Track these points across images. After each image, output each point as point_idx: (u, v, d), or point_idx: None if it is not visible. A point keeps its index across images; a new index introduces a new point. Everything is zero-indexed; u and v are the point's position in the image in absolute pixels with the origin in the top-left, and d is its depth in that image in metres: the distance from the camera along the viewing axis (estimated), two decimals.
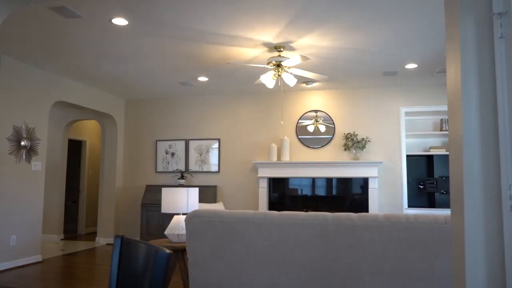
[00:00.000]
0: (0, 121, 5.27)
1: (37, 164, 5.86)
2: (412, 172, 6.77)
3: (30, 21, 4.17)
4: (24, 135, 5.64)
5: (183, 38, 4.65)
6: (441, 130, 6.61)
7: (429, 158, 6.74)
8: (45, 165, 6.32)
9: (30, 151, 5.73)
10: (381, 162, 6.56)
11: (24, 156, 5.63)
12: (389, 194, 6.68)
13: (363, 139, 6.81)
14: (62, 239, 8.01)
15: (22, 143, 5.58)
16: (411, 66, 5.66)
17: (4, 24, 4.29)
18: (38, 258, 5.87)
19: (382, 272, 2.67)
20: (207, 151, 7.49)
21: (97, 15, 4.00)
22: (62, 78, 6.39)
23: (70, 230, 8.89)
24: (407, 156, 6.74)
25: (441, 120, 6.64)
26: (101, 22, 4.19)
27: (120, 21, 4.13)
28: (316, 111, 7.09)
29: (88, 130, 9.28)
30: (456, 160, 1.58)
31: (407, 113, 6.81)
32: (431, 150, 6.60)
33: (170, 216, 7.00)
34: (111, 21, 4.15)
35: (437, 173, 6.60)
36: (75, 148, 9.05)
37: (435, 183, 6.49)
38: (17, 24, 4.26)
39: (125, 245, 1.47)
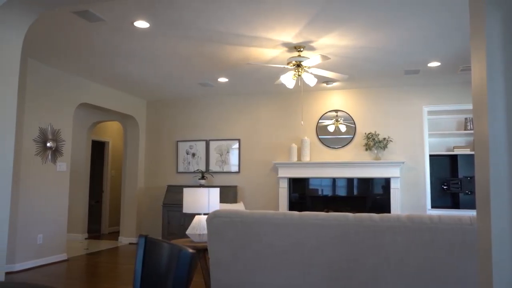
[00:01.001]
0: (26, 123, 5.42)
1: (62, 165, 6.00)
2: (435, 172, 6.65)
3: (55, 25, 4.28)
4: (50, 137, 5.79)
5: (204, 40, 4.69)
6: (465, 129, 6.47)
7: (453, 158, 6.60)
8: (70, 165, 6.47)
9: (56, 152, 5.88)
10: (403, 162, 6.46)
11: (49, 157, 5.77)
12: (411, 194, 6.58)
13: (384, 138, 6.72)
14: (86, 238, 8.18)
15: (48, 144, 5.73)
16: (434, 64, 5.56)
17: (31, 29, 4.42)
18: (64, 256, 6.01)
19: (404, 274, 2.63)
20: (228, 152, 7.53)
21: (119, 18, 4.07)
22: (86, 80, 6.53)
23: (94, 230, 9.07)
24: (430, 156, 6.62)
25: (465, 119, 6.50)
26: (124, 25, 4.26)
27: (142, 23, 4.19)
28: (336, 110, 7.04)
29: (111, 131, 9.46)
30: (482, 160, 1.54)
31: (430, 112, 6.69)
32: (455, 149, 6.46)
33: (191, 216, 7.07)
34: (133, 24, 4.22)
35: (461, 173, 6.46)
36: (98, 149, 9.24)
37: (459, 183, 6.35)
38: (43, 28, 4.38)
39: (149, 245, 1.50)
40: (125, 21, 4.15)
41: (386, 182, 6.62)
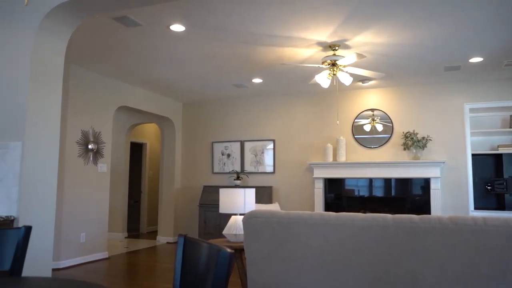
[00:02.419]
0: (70, 126, 5.65)
1: (103, 166, 6.21)
2: (478, 172, 6.39)
3: (94, 32, 4.44)
4: (91, 139, 6.00)
5: (238, 41, 4.73)
6: (511, 127, 6.17)
7: (498, 157, 6.32)
8: (110, 167, 6.68)
9: (97, 153, 6.09)
10: (443, 162, 6.25)
11: (91, 159, 5.99)
12: (453, 195, 6.35)
13: (423, 138, 6.52)
14: (126, 237, 8.42)
15: (90, 146, 5.94)
16: (476, 59, 5.35)
17: (72, 36, 4.60)
18: (105, 254, 6.21)
19: (446, 278, 2.54)
20: (262, 152, 7.54)
21: (156, 22, 4.17)
22: (124, 84, 6.73)
23: (133, 229, 9.32)
24: (473, 155, 6.36)
25: (511, 116, 6.20)
26: (160, 29, 4.36)
27: (177, 27, 4.28)
28: (372, 109, 6.90)
29: (149, 133, 9.69)
30: None
31: (472, 110, 6.43)
32: (499, 148, 6.18)
33: (227, 216, 7.13)
34: (169, 28, 4.31)
35: (506, 173, 6.18)
36: (136, 150, 9.49)
37: (504, 183, 6.07)
38: (83, 35, 4.55)
39: (188, 244, 1.52)
40: (161, 25, 4.24)
41: (426, 182, 6.42)
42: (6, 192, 2.85)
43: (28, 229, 1.91)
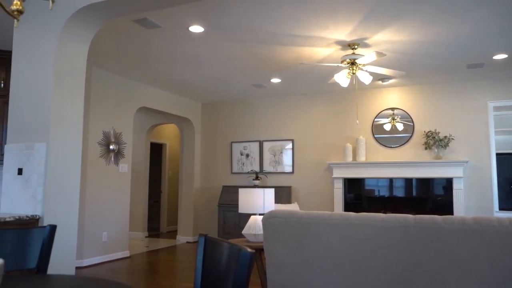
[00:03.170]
0: (92, 127, 5.75)
1: (124, 166, 6.30)
2: (503, 171, 6.23)
3: (115, 34, 4.51)
4: (113, 140, 6.10)
5: (256, 41, 4.73)
6: None
7: None
8: (131, 167, 6.77)
9: (118, 154, 6.19)
10: (466, 161, 6.12)
11: (112, 159, 6.09)
12: (476, 195, 6.21)
13: (445, 137, 6.40)
14: (146, 237, 8.53)
15: (111, 147, 6.04)
16: (500, 56, 5.22)
17: (93, 38, 4.68)
18: (126, 253, 6.31)
19: (470, 280, 2.49)
20: (281, 152, 7.53)
21: (175, 24, 4.21)
22: (144, 85, 6.82)
23: (153, 228, 9.43)
24: (497, 154, 6.21)
25: None
26: (179, 31, 4.40)
27: (196, 28, 4.31)
28: (393, 108, 6.81)
29: (168, 134, 9.80)
30: None
31: (496, 108, 6.28)
32: None
33: (246, 215, 7.15)
34: (188, 29, 4.35)
35: None
36: (156, 150, 9.60)
37: None
38: (104, 37, 4.63)
39: (208, 244, 1.53)
40: (181, 26, 4.28)
41: (448, 182, 6.30)
42: (31, 192, 2.92)
43: (53, 228, 1.96)
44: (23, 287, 1.38)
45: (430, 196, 6.42)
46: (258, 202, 3.73)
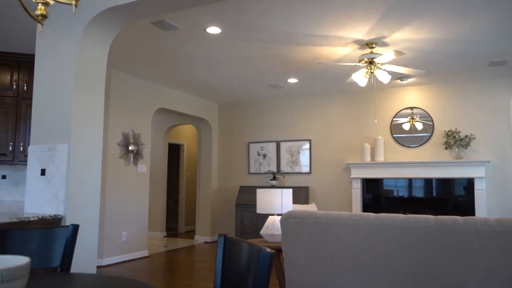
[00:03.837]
0: (111, 128, 5.84)
1: (143, 167, 6.38)
2: None
3: (134, 36, 4.57)
4: (131, 141, 6.18)
5: (273, 42, 4.73)
6: None
7: None
8: (149, 167, 6.85)
9: (137, 155, 6.27)
10: (488, 161, 5.99)
11: (131, 160, 6.17)
12: (499, 196, 6.08)
13: (466, 136, 6.28)
14: (164, 236, 8.61)
15: (130, 147, 6.12)
16: None
17: (113, 40, 4.76)
18: (145, 253, 6.38)
19: (492, 282, 2.44)
20: (298, 152, 7.51)
21: (193, 26, 4.24)
22: (162, 86, 6.89)
23: (171, 228, 9.52)
24: None
25: None
26: (197, 32, 4.43)
27: (214, 29, 4.33)
28: (412, 108, 6.72)
29: (186, 134, 9.87)
30: None
31: None
32: None
33: (263, 216, 7.15)
34: (206, 31, 4.37)
35: None
36: (174, 151, 9.69)
37: None
38: (123, 39, 4.70)
39: (228, 244, 1.54)
40: (198, 28, 4.31)
41: (469, 182, 6.18)
42: (54, 192, 2.98)
43: (75, 227, 1.99)
44: (53, 286, 1.41)
45: (451, 197, 6.31)
46: (276, 202, 3.73)
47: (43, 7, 1.64)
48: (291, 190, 3.86)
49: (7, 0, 3.61)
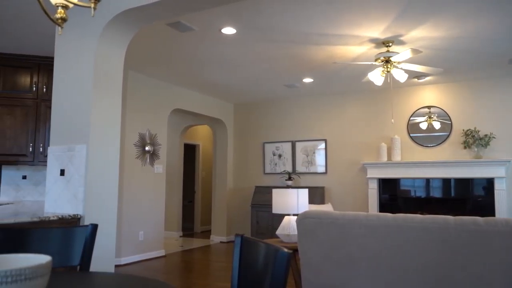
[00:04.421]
0: (128, 129, 5.91)
1: (159, 167, 6.44)
2: None
3: (150, 38, 4.62)
4: (148, 141, 6.24)
5: (289, 41, 4.72)
6: None
7: None
8: (165, 168, 6.90)
9: (153, 155, 6.33)
10: (509, 161, 5.86)
11: (148, 160, 6.23)
12: None
13: (486, 135, 6.16)
14: (180, 236, 8.67)
15: (146, 148, 6.18)
16: None
17: (129, 43, 4.81)
18: (162, 252, 6.44)
19: None
20: (314, 152, 7.48)
21: (208, 26, 4.26)
22: (178, 87, 6.94)
23: (187, 228, 9.58)
24: None
25: None
26: (212, 33, 4.45)
27: (229, 30, 4.35)
28: (429, 107, 6.63)
29: (201, 135, 9.93)
30: None
31: None
32: None
33: (279, 216, 7.14)
34: (221, 31, 4.39)
35: None
36: (190, 151, 9.75)
37: None
38: (139, 41, 4.75)
39: (245, 244, 1.54)
40: (213, 28, 4.33)
41: (489, 182, 6.06)
42: (73, 192, 3.03)
43: (95, 227, 2.02)
44: (73, 284, 1.44)
45: (470, 197, 6.20)
46: (292, 202, 3.72)
47: (62, 11, 1.67)
48: (307, 190, 3.85)
49: (27, 6, 3.69)
